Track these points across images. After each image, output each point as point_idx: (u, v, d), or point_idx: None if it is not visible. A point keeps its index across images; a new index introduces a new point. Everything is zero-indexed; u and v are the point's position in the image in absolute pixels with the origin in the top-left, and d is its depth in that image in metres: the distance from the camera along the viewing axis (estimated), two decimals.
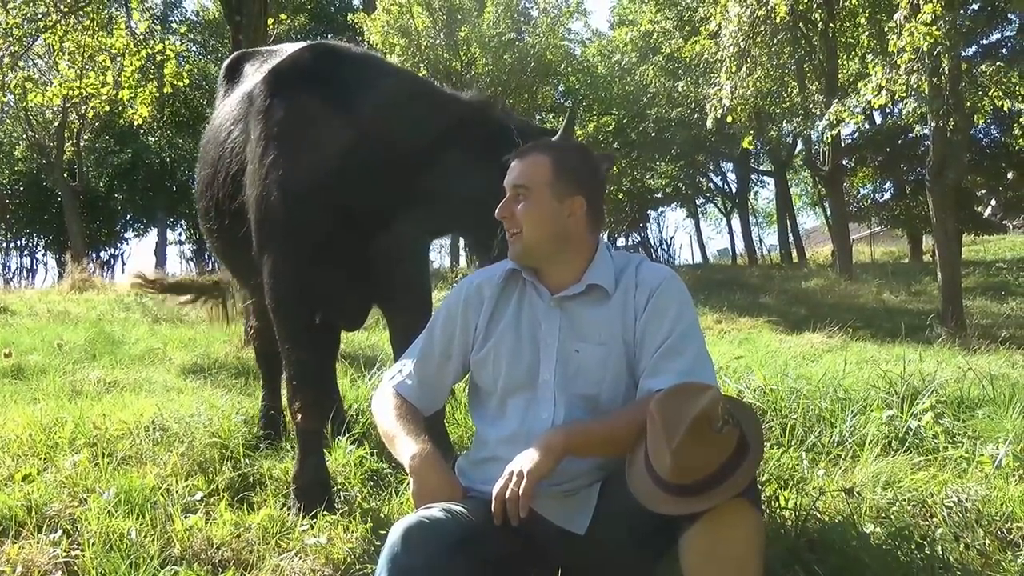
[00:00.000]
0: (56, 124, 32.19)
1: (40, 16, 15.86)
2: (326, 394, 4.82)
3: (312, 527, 3.87)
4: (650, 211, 45.38)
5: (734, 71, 16.82)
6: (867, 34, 18.57)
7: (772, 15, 15.63)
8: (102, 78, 16.63)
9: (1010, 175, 29.45)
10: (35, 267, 45.58)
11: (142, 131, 35.61)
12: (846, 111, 15.60)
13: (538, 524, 2.76)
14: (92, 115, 26.47)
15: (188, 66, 20.80)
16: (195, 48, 41.73)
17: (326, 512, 4.01)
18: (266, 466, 4.68)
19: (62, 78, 17.24)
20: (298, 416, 4.29)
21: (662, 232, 49.95)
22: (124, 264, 46.66)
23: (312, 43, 4.94)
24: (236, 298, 6.58)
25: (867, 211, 34.84)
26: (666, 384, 2.68)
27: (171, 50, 17.23)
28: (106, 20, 17.17)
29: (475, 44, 27.75)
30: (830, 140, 22.29)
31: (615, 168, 28.25)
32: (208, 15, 41.69)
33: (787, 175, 39.45)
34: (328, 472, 4.42)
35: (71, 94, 17.64)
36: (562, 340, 2.93)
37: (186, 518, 3.85)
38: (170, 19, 42.23)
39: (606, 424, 2.79)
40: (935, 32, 12.26)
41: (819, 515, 3.89)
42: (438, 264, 30.11)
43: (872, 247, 38.64)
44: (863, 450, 4.62)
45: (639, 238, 44.11)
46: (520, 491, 2.59)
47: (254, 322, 6.01)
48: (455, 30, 27.57)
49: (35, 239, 45.20)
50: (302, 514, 4.01)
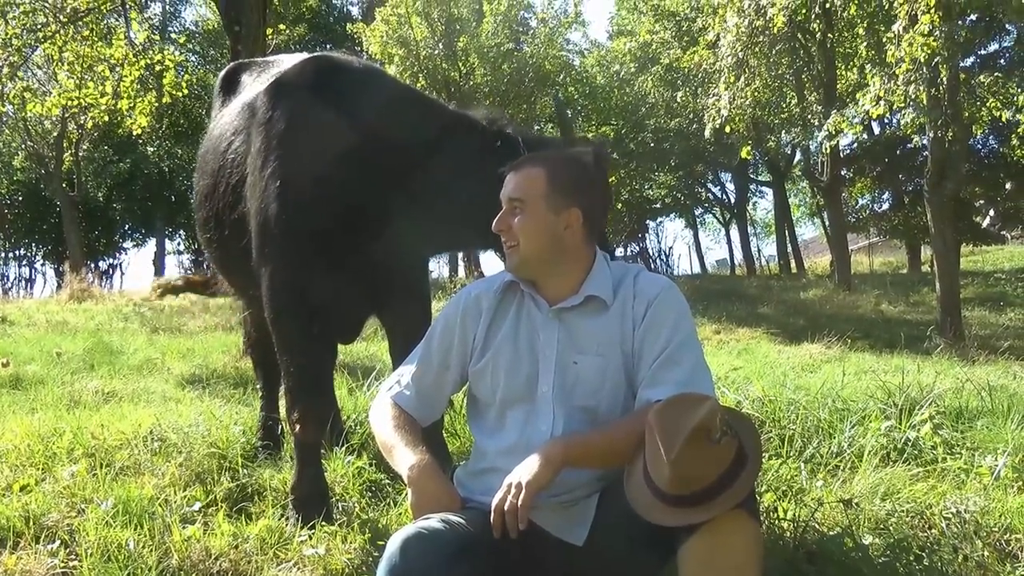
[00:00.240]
0: (55, 134, 32.23)
1: (39, 26, 15.84)
2: (325, 404, 4.81)
3: (310, 538, 3.87)
4: (648, 221, 45.56)
5: (732, 81, 16.81)
6: (865, 44, 18.57)
7: (770, 25, 15.64)
8: (101, 88, 16.62)
9: (1008, 185, 29.51)
10: (33, 277, 45.66)
11: (141, 141, 35.64)
12: (844, 121, 15.60)
13: (536, 535, 2.76)
14: (91, 125, 26.52)
15: (187, 76, 20.80)
16: (194, 58, 41.79)
17: (324, 523, 4.01)
18: (264, 476, 4.68)
19: (61, 88, 17.23)
20: (297, 427, 4.28)
21: (660, 242, 49.96)
22: (123, 274, 46.76)
23: (315, 55, 4.93)
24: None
25: (865, 221, 34.91)
26: (664, 395, 2.68)
27: (170, 60, 17.23)
28: (105, 30, 17.18)
29: (473, 54, 27.79)
30: (828, 150, 22.31)
31: (614, 177, 28.24)
32: (207, 25, 41.78)
33: (785, 185, 39.53)
34: (326, 483, 4.41)
35: (70, 104, 17.64)
36: (560, 352, 2.93)
37: (184, 528, 3.85)
38: (169, 29, 42.33)
39: (604, 435, 2.79)
40: (933, 43, 12.27)
41: (818, 526, 3.88)
42: (436, 274, 30.10)
43: (871, 257, 38.70)
44: (862, 461, 4.61)
45: (637, 248, 44.23)
46: (519, 503, 2.59)
47: (251, 332, 6.01)
48: (454, 40, 27.61)
49: (34, 249, 45.27)
50: (300, 525, 4.01)
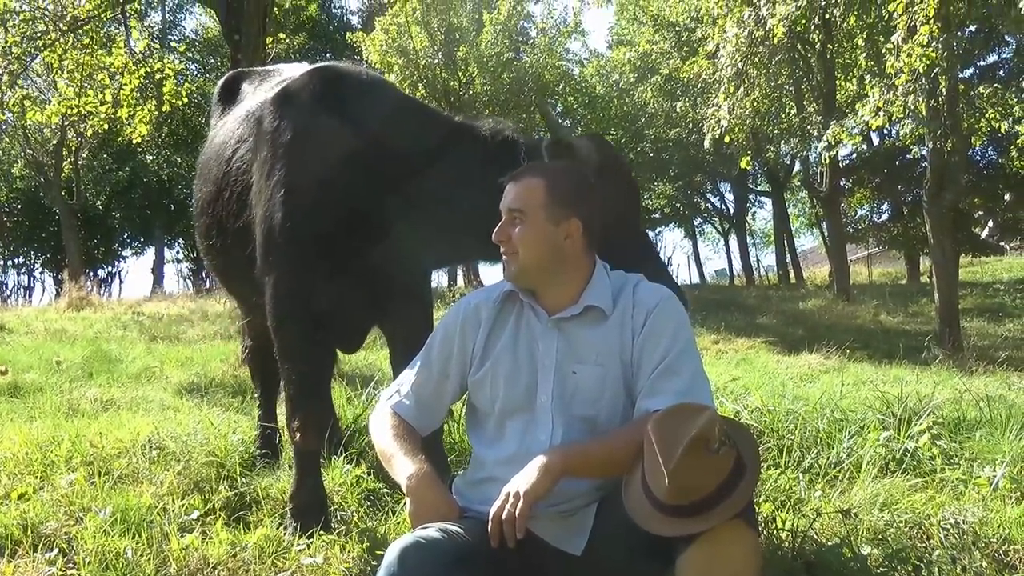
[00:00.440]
0: (54, 142, 32.26)
1: (39, 34, 15.84)
2: (325, 413, 4.82)
3: (308, 547, 3.87)
4: (647, 231, 45.48)
5: (732, 92, 16.82)
6: (864, 55, 18.60)
7: (770, 36, 15.65)
8: (101, 96, 16.62)
9: (1007, 196, 29.55)
10: (32, 285, 45.66)
11: (140, 149, 35.66)
12: (844, 132, 15.60)
13: (534, 544, 2.75)
14: (90, 133, 26.54)
15: (187, 85, 20.79)
16: (194, 67, 41.83)
17: (323, 532, 4.01)
18: (263, 485, 4.67)
19: (61, 96, 17.25)
20: (297, 435, 4.29)
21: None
22: (122, 282, 46.77)
23: (321, 65, 4.93)
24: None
25: (865, 232, 34.94)
26: (663, 405, 2.68)
27: (170, 69, 17.23)
28: (105, 39, 17.20)
29: (473, 64, 27.82)
30: (828, 161, 22.32)
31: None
32: (207, 34, 41.86)
33: (785, 196, 39.54)
34: (325, 491, 4.41)
35: (69, 112, 17.63)
36: (560, 361, 2.93)
37: (182, 537, 3.85)
38: (169, 38, 42.32)
39: (603, 445, 2.79)
40: (932, 53, 12.28)
41: (816, 537, 3.88)
42: (435, 284, 30.06)
43: (869, 268, 38.71)
44: (860, 471, 4.61)
45: None
46: (517, 512, 2.59)
47: (249, 341, 6.01)
48: (453, 50, 27.66)
49: (32, 257, 45.30)
50: (298, 533, 4.01)
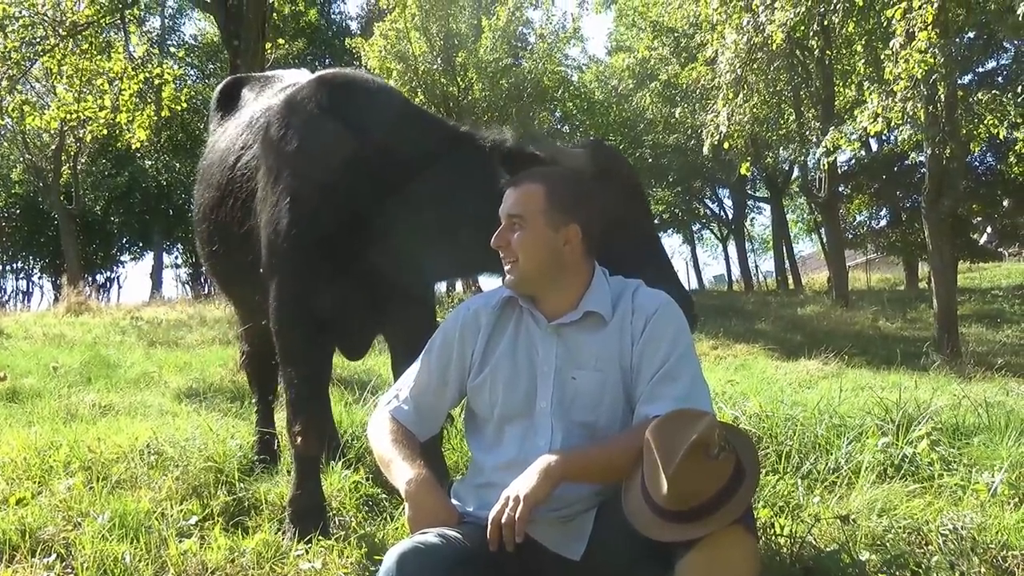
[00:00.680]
0: (53, 147, 32.28)
1: (38, 40, 15.85)
2: (325, 418, 4.82)
3: (307, 552, 3.87)
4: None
5: (731, 98, 16.80)
6: (863, 61, 18.62)
7: (769, 42, 15.62)
8: (100, 101, 16.62)
9: (1006, 203, 29.55)
10: (31, 290, 45.70)
11: (139, 154, 35.64)
12: (842, 138, 15.63)
13: (533, 550, 2.75)
14: (89, 138, 26.49)
15: (186, 90, 20.80)
16: (193, 72, 41.86)
17: (321, 537, 4.01)
18: (261, 490, 4.68)
19: (60, 101, 17.23)
20: (298, 439, 4.29)
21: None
22: (120, 287, 46.76)
23: (330, 72, 4.93)
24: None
25: (863, 238, 34.95)
26: (663, 410, 2.68)
27: (169, 74, 17.25)
28: (104, 44, 17.18)
29: (472, 69, 27.81)
30: (826, 167, 22.34)
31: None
32: (206, 39, 41.87)
33: (783, 201, 39.59)
34: (324, 497, 4.41)
35: (68, 117, 17.61)
36: (559, 367, 2.93)
37: (181, 542, 3.85)
38: (168, 43, 42.38)
39: (603, 450, 2.79)
40: (930, 60, 12.28)
41: (814, 542, 3.89)
42: (435, 289, 30.06)
43: (868, 274, 38.70)
44: (859, 477, 4.62)
45: None
46: (516, 516, 2.59)
47: (247, 347, 6.01)
48: (452, 55, 27.65)
49: (31, 262, 45.32)
50: (297, 539, 4.01)
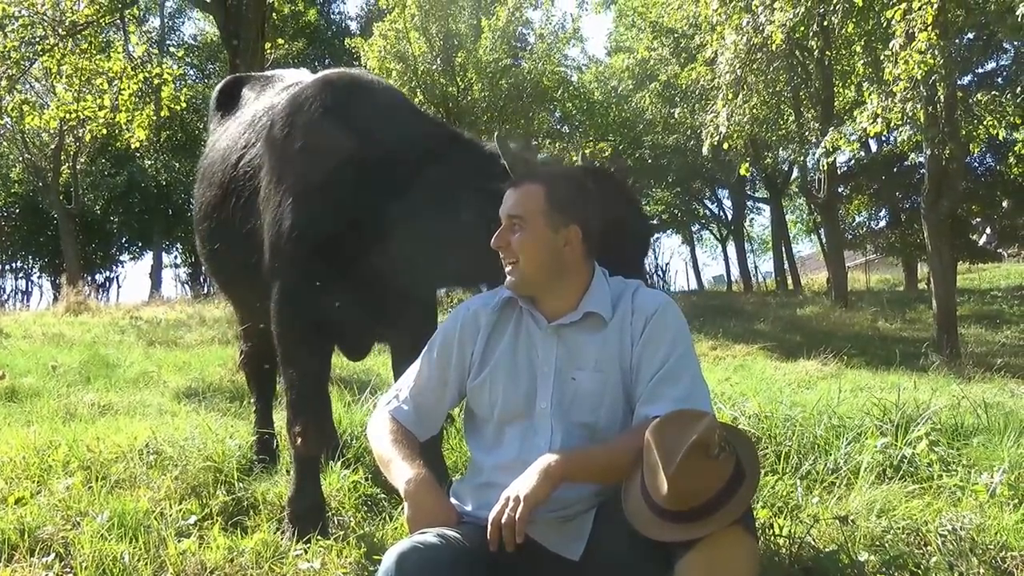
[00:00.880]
0: (53, 147, 32.28)
1: (38, 39, 15.85)
2: (325, 419, 4.82)
3: (306, 552, 3.87)
4: (650, 236, 45.54)
5: (730, 98, 16.80)
6: (863, 62, 18.58)
7: (768, 43, 15.62)
8: (99, 101, 16.62)
9: (1005, 204, 29.53)
10: (30, 289, 45.70)
11: (138, 154, 35.62)
12: (842, 138, 15.61)
13: (532, 550, 2.74)
14: (89, 138, 26.47)
15: (185, 90, 20.80)
16: (192, 72, 41.85)
17: (320, 537, 4.01)
18: (260, 490, 4.68)
19: (59, 101, 17.23)
20: (298, 440, 4.29)
21: (657, 259, 49.92)
22: (119, 287, 46.76)
23: (335, 72, 4.91)
24: None
25: (862, 238, 34.91)
26: (663, 411, 2.68)
27: (168, 74, 17.24)
28: (104, 44, 17.20)
29: (471, 70, 27.76)
30: (825, 167, 22.32)
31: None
32: (206, 39, 41.86)
33: (782, 202, 39.53)
34: (323, 497, 4.41)
35: (68, 117, 17.62)
36: (559, 368, 2.93)
37: (179, 542, 3.85)
38: (168, 43, 42.38)
39: (603, 450, 2.79)
40: (930, 60, 12.27)
41: (813, 543, 3.88)
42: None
43: (867, 274, 38.67)
44: (857, 478, 4.62)
45: None
46: (516, 516, 2.58)
47: (245, 347, 6.01)
48: (452, 56, 27.60)
49: (30, 261, 45.32)
50: (296, 539, 4.01)
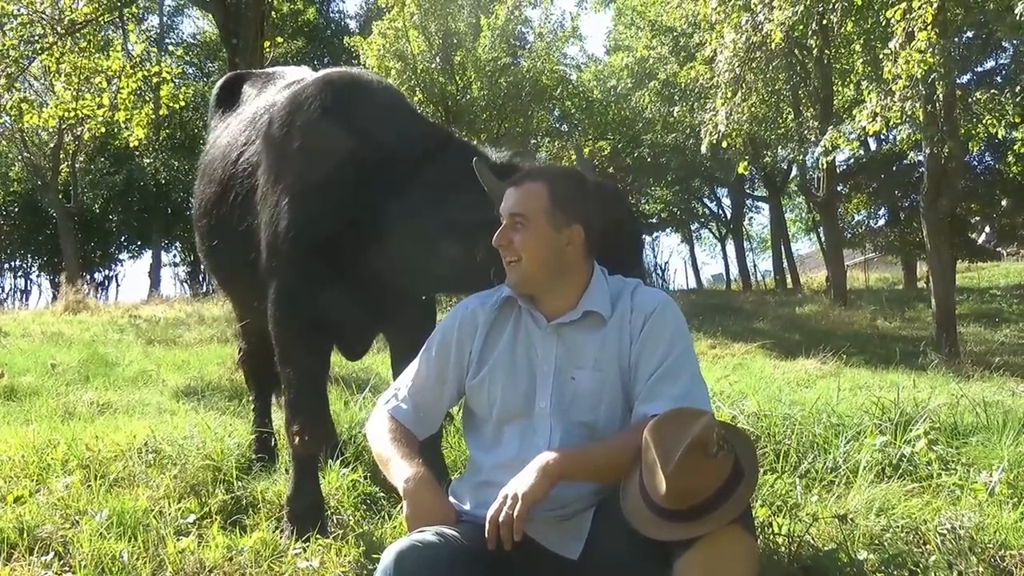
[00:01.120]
0: (52, 145, 32.29)
1: (37, 38, 15.84)
2: (324, 418, 4.81)
3: (305, 551, 3.87)
4: (644, 236, 45.56)
5: (729, 97, 16.81)
6: (862, 61, 18.61)
7: (767, 41, 15.65)
8: (98, 100, 16.62)
9: (1004, 202, 29.54)
10: (29, 288, 45.73)
11: (137, 153, 35.62)
12: (841, 137, 15.62)
13: (530, 549, 2.74)
14: (88, 136, 26.47)
15: (184, 89, 20.80)
16: (191, 70, 41.83)
17: (319, 535, 4.01)
18: (259, 489, 4.68)
19: (58, 99, 17.23)
20: (296, 439, 4.29)
21: (656, 257, 50.05)
22: (118, 285, 46.76)
23: (336, 71, 4.91)
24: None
25: (861, 237, 34.92)
26: (661, 409, 2.68)
27: (167, 72, 17.23)
28: (103, 42, 17.20)
29: (471, 68, 27.79)
30: (825, 166, 22.35)
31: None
32: (205, 37, 41.85)
33: (782, 201, 39.53)
34: (322, 495, 4.41)
35: (67, 116, 17.62)
36: (558, 367, 2.93)
37: (178, 541, 3.85)
38: (167, 41, 42.35)
39: (601, 449, 2.79)
40: (929, 59, 12.27)
41: (812, 542, 3.88)
42: None
43: (866, 273, 38.69)
44: (856, 476, 4.61)
45: None
46: (515, 514, 2.59)
47: (244, 345, 6.01)
48: (451, 54, 27.62)
49: (29, 260, 45.35)
50: (295, 537, 4.01)
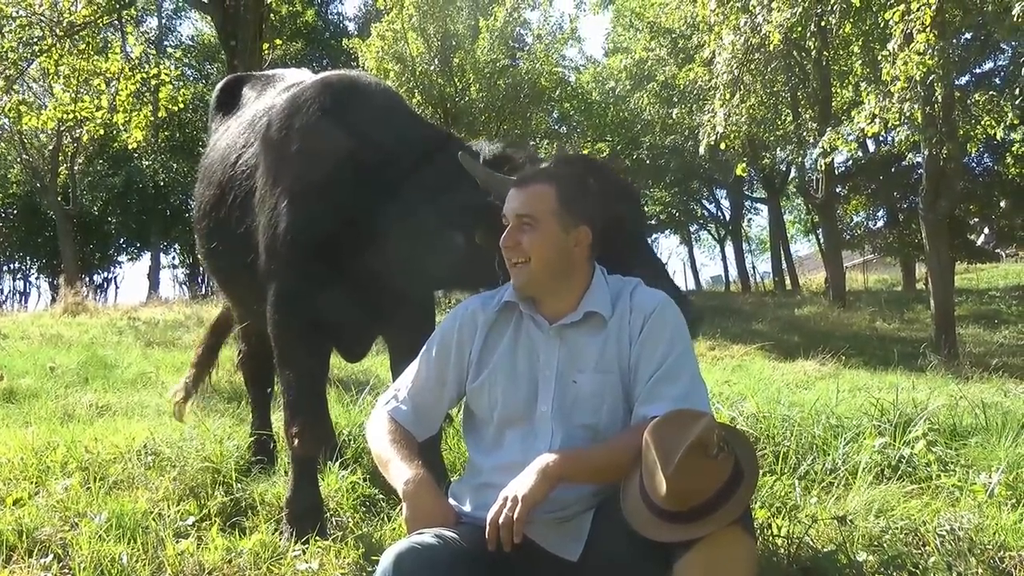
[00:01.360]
0: (50, 147, 32.24)
1: (36, 40, 15.88)
2: (323, 419, 4.81)
3: (304, 553, 3.87)
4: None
5: (728, 98, 16.80)
6: (860, 62, 18.62)
7: (766, 43, 15.65)
8: (97, 102, 16.65)
9: (1003, 204, 29.52)
10: (28, 290, 45.80)
11: (136, 155, 35.64)
12: (839, 139, 15.61)
13: (530, 550, 2.74)
14: (86, 139, 26.50)
15: (183, 90, 20.81)
16: (190, 72, 41.82)
17: (318, 537, 4.01)
18: (258, 491, 4.68)
19: (57, 101, 17.26)
20: (296, 441, 4.29)
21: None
22: (117, 287, 46.78)
23: (335, 74, 4.90)
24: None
25: (860, 239, 34.89)
26: (661, 411, 2.68)
27: (166, 74, 17.25)
28: (101, 44, 17.21)
29: (469, 70, 27.76)
30: (823, 168, 22.32)
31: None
32: (203, 39, 41.83)
33: (780, 202, 39.51)
34: (321, 497, 4.41)
35: (65, 118, 17.65)
36: (561, 371, 2.93)
37: (178, 543, 3.86)
38: (165, 43, 42.34)
39: (601, 450, 2.79)
40: (928, 61, 12.28)
41: (812, 543, 3.89)
42: None
43: (865, 274, 38.71)
44: (856, 478, 4.62)
45: None
46: (515, 515, 2.59)
47: (244, 347, 6.01)
48: (449, 56, 27.59)
49: (28, 262, 45.36)
50: (294, 539, 4.01)
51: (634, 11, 33.11)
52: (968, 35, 19.25)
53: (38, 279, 46.11)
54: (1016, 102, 15.70)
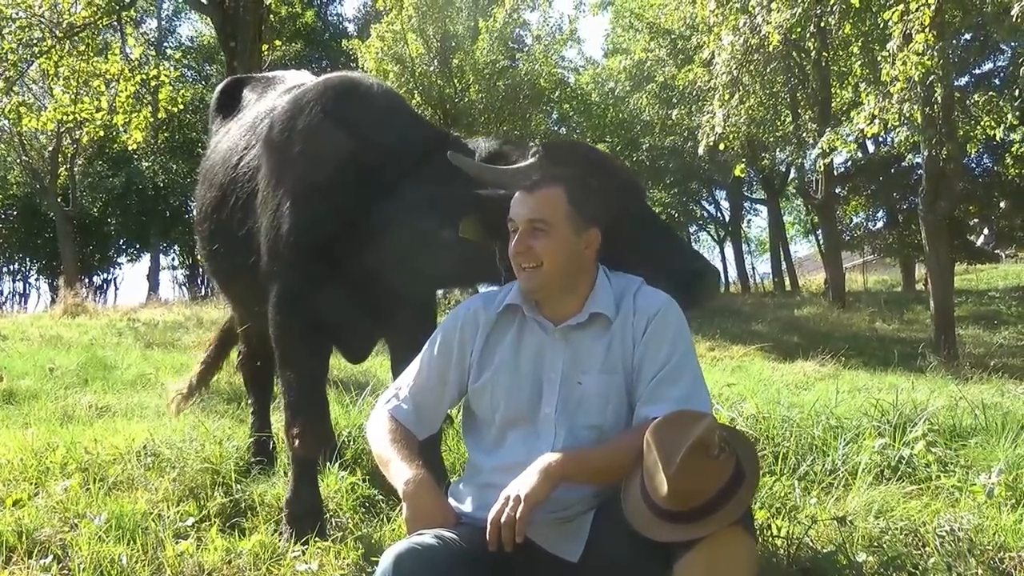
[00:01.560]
0: (50, 149, 32.27)
1: (35, 41, 15.88)
2: (323, 420, 4.81)
3: (303, 553, 3.87)
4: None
5: (727, 99, 16.81)
6: (860, 63, 18.57)
7: (765, 44, 15.65)
8: (96, 103, 16.65)
9: (1002, 204, 29.52)
10: (28, 292, 45.84)
11: (136, 156, 35.66)
12: (839, 139, 15.61)
13: (531, 551, 2.74)
14: (86, 140, 26.49)
15: (183, 92, 20.80)
16: (190, 73, 41.83)
17: (318, 538, 4.01)
18: (258, 492, 4.68)
19: (56, 103, 17.26)
20: (296, 442, 4.29)
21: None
22: (117, 289, 46.79)
23: (336, 75, 4.89)
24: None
25: (860, 239, 34.89)
26: (663, 412, 2.68)
27: (165, 76, 17.25)
28: (101, 46, 17.21)
29: (469, 71, 27.76)
30: (823, 168, 22.32)
31: None
32: (203, 41, 41.86)
33: (780, 203, 39.53)
34: (321, 498, 4.41)
35: (65, 119, 17.65)
36: (566, 373, 2.92)
37: (177, 544, 3.85)
38: (165, 45, 42.38)
39: (603, 451, 2.79)
40: (927, 61, 12.28)
41: (811, 544, 3.89)
42: None
43: (865, 275, 38.74)
44: (855, 478, 4.62)
45: None
46: (516, 515, 2.58)
47: (244, 348, 6.01)
48: (449, 57, 27.59)
49: (28, 264, 45.41)
50: (294, 540, 4.01)
51: (633, 12, 33.07)
52: (967, 36, 19.28)
53: (38, 280, 46.25)
54: (1015, 103, 15.72)
